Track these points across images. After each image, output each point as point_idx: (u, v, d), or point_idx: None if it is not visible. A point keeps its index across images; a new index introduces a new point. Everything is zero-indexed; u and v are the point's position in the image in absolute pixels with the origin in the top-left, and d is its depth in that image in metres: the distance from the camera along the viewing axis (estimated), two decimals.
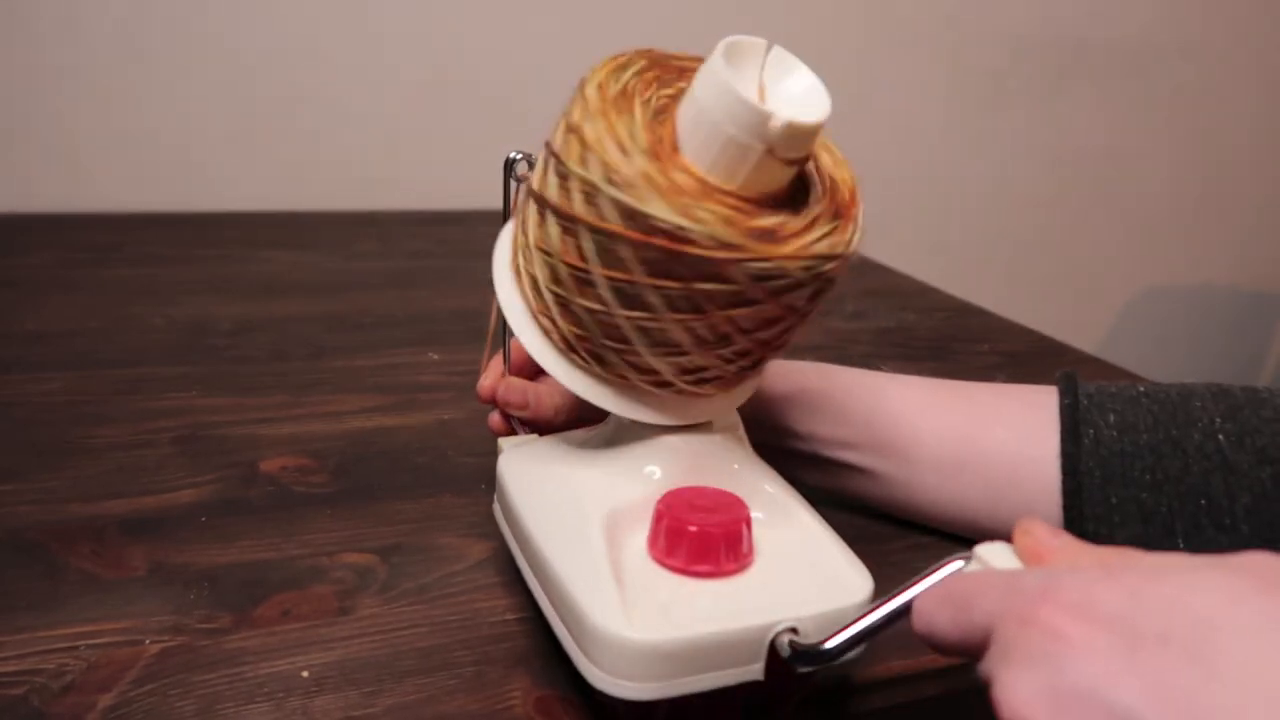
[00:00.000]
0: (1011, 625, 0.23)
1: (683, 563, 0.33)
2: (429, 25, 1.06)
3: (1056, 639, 0.21)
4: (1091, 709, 0.20)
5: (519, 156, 0.40)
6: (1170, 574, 0.22)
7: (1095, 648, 0.21)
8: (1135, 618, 0.21)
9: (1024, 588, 0.23)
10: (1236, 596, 0.21)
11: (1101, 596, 0.22)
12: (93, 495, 0.47)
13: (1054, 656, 0.21)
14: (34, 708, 0.33)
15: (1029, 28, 1.35)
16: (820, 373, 0.48)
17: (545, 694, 0.36)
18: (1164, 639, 0.20)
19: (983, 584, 0.25)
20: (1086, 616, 0.21)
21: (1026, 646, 0.22)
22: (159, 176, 1.01)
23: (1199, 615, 0.20)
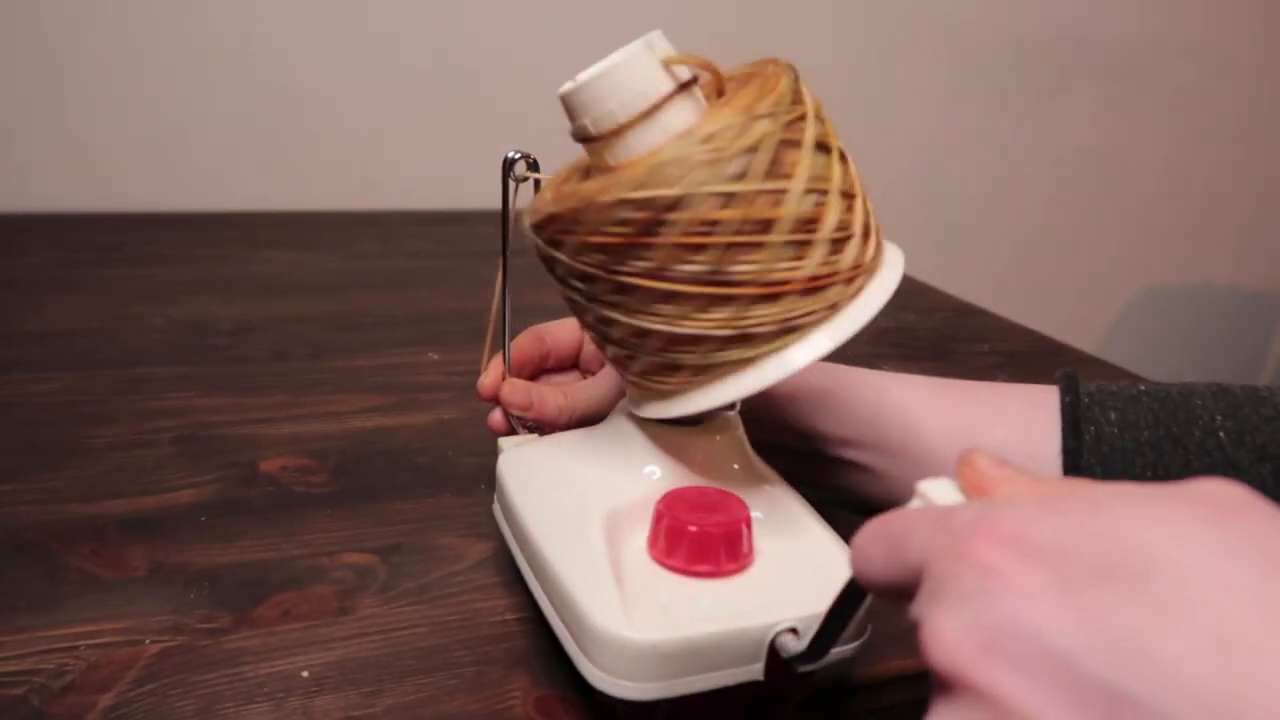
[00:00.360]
0: (943, 561, 0.21)
1: (683, 563, 0.33)
2: (429, 25, 1.06)
3: (989, 575, 0.20)
4: (1024, 649, 0.19)
5: (518, 156, 0.40)
6: (1114, 505, 0.20)
7: (1030, 584, 0.19)
8: (1075, 552, 0.20)
9: (957, 522, 0.22)
10: (1184, 529, 0.19)
11: (1039, 529, 0.20)
12: (93, 495, 0.47)
13: (986, 594, 0.20)
14: (34, 708, 0.33)
15: (1029, 28, 1.35)
16: (822, 371, 0.48)
17: (545, 694, 0.36)
18: (1105, 574, 0.19)
19: (917, 519, 0.23)
20: (1022, 551, 0.20)
21: (957, 583, 0.20)
22: (159, 176, 1.01)
23: (1143, 549, 0.19)
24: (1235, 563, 0.18)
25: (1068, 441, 0.42)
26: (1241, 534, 0.19)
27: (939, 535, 0.22)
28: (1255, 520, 0.19)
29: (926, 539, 0.22)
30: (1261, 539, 0.19)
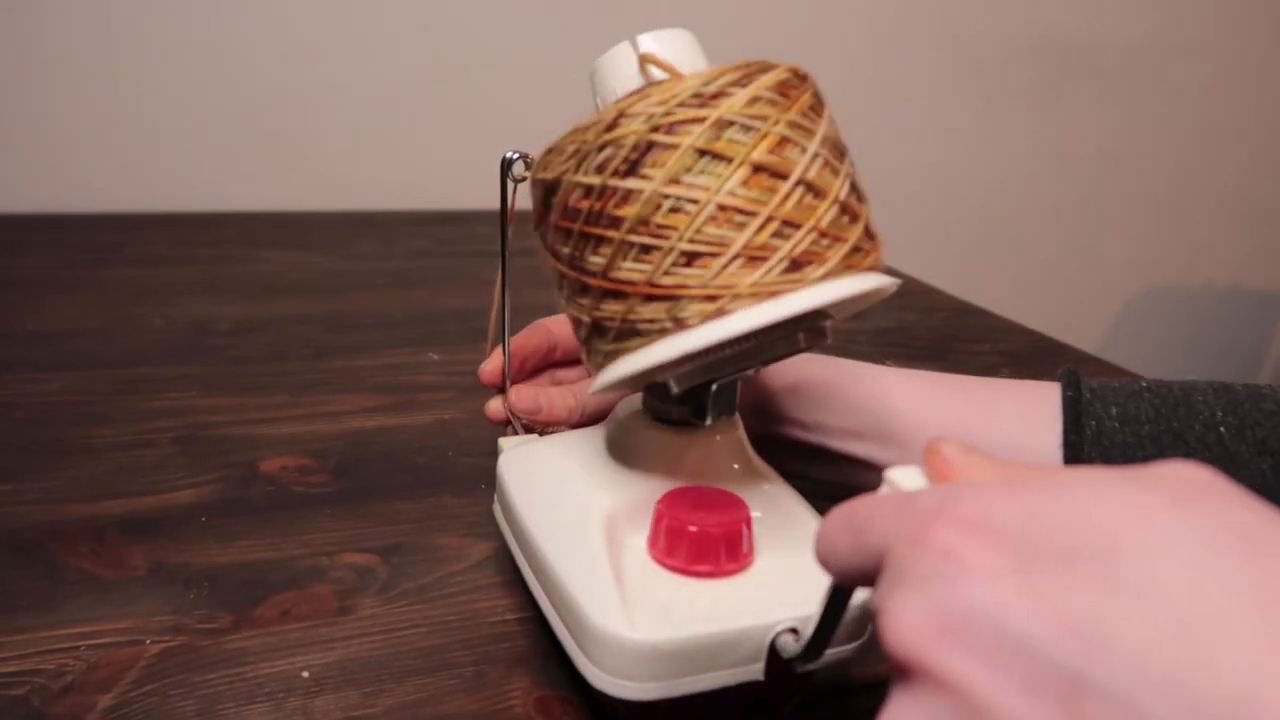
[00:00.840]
0: (903, 547, 0.21)
1: (683, 563, 0.33)
2: (429, 26, 1.06)
3: (948, 559, 0.20)
4: (983, 634, 0.19)
5: (516, 156, 0.40)
6: (1076, 488, 0.20)
7: (990, 567, 0.19)
8: (1035, 535, 0.19)
9: (918, 506, 0.21)
10: (1146, 512, 0.19)
11: (998, 512, 0.20)
12: (93, 495, 0.47)
13: (945, 578, 0.19)
14: (34, 708, 0.33)
15: (1030, 28, 1.35)
16: (825, 364, 0.48)
17: (545, 694, 0.36)
18: (1065, 558, 0.19)
19: (880, 505, 0.23)
20: (981, 534, 0.20)
21: (917, 568, 0.20)
22: (159, 176, 1.01)
23: (1104, 532, 0.19)
24: (1197, 544, 0.18)
25: (1069, 435, 0.42)
26: (1204, 515, 0.19)
27: (900, 520, 0.22)
28: (1218, 501, 0.19)
29: (888, 524, 0.22)
30: (1224, 519, 0.19)
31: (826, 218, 0.32)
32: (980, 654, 0.19)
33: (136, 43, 0.97)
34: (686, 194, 0.31)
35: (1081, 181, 1.48)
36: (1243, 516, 0.19)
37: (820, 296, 0.31)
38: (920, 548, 0.20)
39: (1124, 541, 0.18)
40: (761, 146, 0.31)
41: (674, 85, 0.32)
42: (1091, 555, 0.18)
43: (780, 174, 0.31)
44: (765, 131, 0.31)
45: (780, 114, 0.32)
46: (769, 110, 0.32)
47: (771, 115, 0.32)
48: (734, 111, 0.31)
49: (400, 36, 1.05)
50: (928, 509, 0.21)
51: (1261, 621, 0.17)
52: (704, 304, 0.31)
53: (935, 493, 0.22)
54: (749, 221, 0.31)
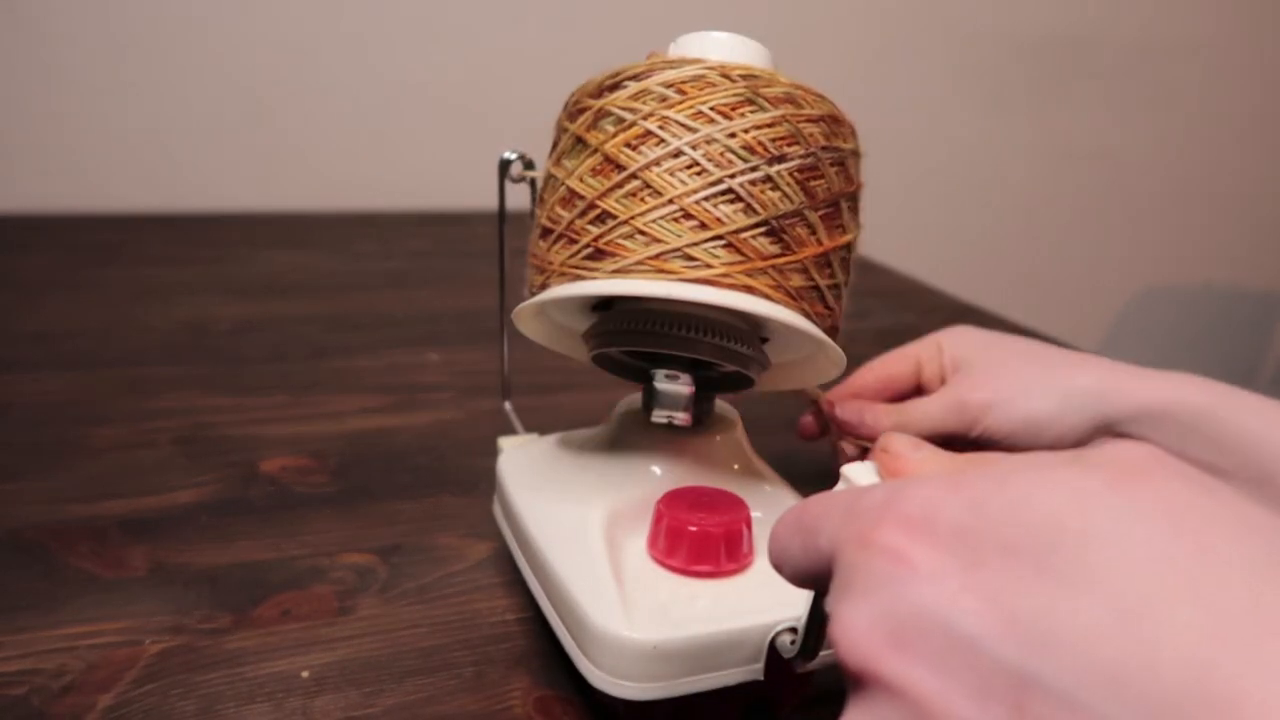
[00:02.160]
0: (851, 549, 0.21)
1: (683, 563, 0.33)
2: (430, 26, 1.06)
3: (896, 561, 0.19)
4: (933, 639, 0.18)
5: (514, 157, 0.40)
6: (1017, 477, 0.20)
7: (935, 568, 0.19)
8: (977, 530, 0.19)
9: (864, 506, 0.21)
10: (1085, 496, 0.19)
11: (942, 510, 0.20)
12: (93, 495, 0.47)
13: (893, 581, 0.19)
14: (34, 708, 0.33)
15: (1030, 29, 1.35)
16: (1192, 386, 0.44)
17: (545, 694, 0.36)
18: (1008, 551, 0.18)
19: (828, 506, 0.23)
20: (926, 533, 0.20)
21: (866, 572, 0.20)
22: (159, 176, 1.01)
23: (1044, 521, 0.18)
24: (1138, 528, 0.18)
25: None
26: (1146, 497, 0.18)
27: (848, 522, 0.21)
28: (1161, 481, 0.19)
29: (837, 526, 0.22)
30: (1167, 501, 0.18)
31: (650, 216, 0.32)
32: (930, 661, 0.18)
33: (137, 43, 0.97)
34: (559, 175, 0.35)
35: (1082, 181, 1.48)
36: (1184, 493, 0.19)
37: (597, 288, 0.33)
38: (868, 550, 0.20)
39: (1065, 529, 0.18)
40: (618, 139, 0.33)
41: (594, 77, 0.35)
42: (1033, 547, 0.18)
43: (621, 166, 0.33)
44: (630, 123, 0.33)
45: (663, 109, 0.33)
46: (653, 105, 0.33)
47: (648, 109, 0.33)
48: (616, 103, 0.33)
49: (400, 37, 1.05)
50: (873, 508, 0.21)
51: (1203, 608, 0.16)
52: (536, 275, 0.36)
53: (881, 490, 0.21)
54: (579, 206, 0.34)
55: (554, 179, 0.35)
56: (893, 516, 0.20)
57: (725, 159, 0.32)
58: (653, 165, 0.32)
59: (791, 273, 0.33)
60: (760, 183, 0.32)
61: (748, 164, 0.32)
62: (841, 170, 0.34)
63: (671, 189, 0.32)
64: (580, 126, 0.34)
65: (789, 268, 0.33)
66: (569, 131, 0.35)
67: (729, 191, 0.32)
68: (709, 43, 0.36)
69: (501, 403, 0.49)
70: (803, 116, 0.33)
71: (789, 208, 0.33)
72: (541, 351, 0.41)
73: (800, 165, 0.33)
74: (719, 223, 0.32)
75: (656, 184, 0.32)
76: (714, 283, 0.32)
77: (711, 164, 0.32)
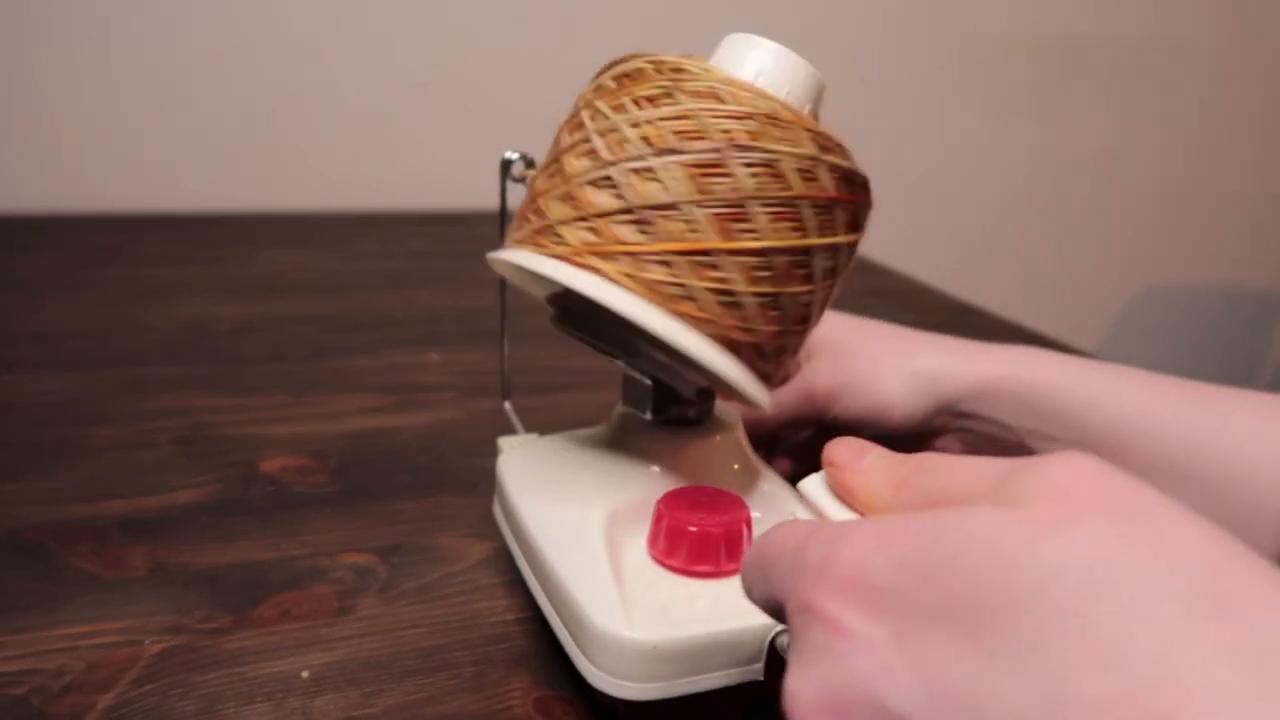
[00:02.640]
0: (795, 614, 0.21)
1: (683, 563, 0.33)
2: (430, 26, 1.06)
3: (831, 630, 0.19)
4: (868, 712, 0.18)
5: (515, 157, 0.40)
6: (946, 534, 0.19)
7: (868, 639, 0.19)
8: (907, 593, 0.19)
9: (806, 562, 0.21)
10: (1013, 549, 0.18)
11: (873, 571, 0.19)
12: (93, 495, 0.47)
13: (830, 651, 0.19)
14: (34, 708, 0.33)
15: (1030, 28, 1.35)
16: (1028, 359, 0.46)
17: (545, 694, 0.36)
18: (934, 616, 0.18)
19: (779, 549, 0.23)
20: (859, 598, 0.19)
21: (807, 639, 0.20)
22: (159, 176, 1.01)
23: (968, 587, 0.18)
24: (1057, 592, 0.17)
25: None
26: (1067, 550, 0.18)
27: (792, 576, 0.22)
28: (1088, 526, 0.18)
29: (784, 576, 0.22)
30: (1089, 552, 0.17)
31: (550, 195, 0.34)
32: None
33: (137, 43, 0.97)
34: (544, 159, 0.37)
35: (1082, 182, 1.48)
36: (1107, 538, 0.18)
37: (506, 257, 0.35)
38: (807, 616, 0.20)
39: (989, 591, 0.18)
40: (565, 127, 0.35)
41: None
42: (958, 615, 0.18)
43: (556, 147, 0.35)
44: (573, 113, 0.35)
45: (597, 99, 0.34)
46: (593, 96, 0.34)
47: (588, 98, 0.35)
48: (583, 95, 0.35)
49: (400, 36, 1.05)
50: (812, 568, 0.21)
51: (1122, 679, 0.16)
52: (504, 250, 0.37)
53: (819, 545, 0.21)
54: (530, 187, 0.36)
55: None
56: (828, 580, 0.20)
57: (620, 147, 0.33)
58: (568, 150, 0.34)
59: (650, 264, 0.32)
60: (641, 172, 0.32)
61: (636, 154, 0.32)
62: (767, 171, 0.32)
63: (569, 170, 0.34)
64: (566, 118, 0.37)
65: (648, 258, 0.32)
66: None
67: (607, 178, 0.32)
68: (743, 49, 0.35)
69: (501, 403, 0.49)
70: (722, 113, 0.32)
71: (664, 200, 0.32)
72: (541, 351, 0.41)
73: (697, 160, 0.32)
74: (589, 205, 0.33)
75: (565, 167, 0.34)
76: (565, 259, 0.33)
77: (606, 151, 0.33)
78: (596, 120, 0.33)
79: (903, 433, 0.48)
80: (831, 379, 0.47)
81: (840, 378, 0.47)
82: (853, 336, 0.49)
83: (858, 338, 0.49)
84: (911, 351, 0.48)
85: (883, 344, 0.49)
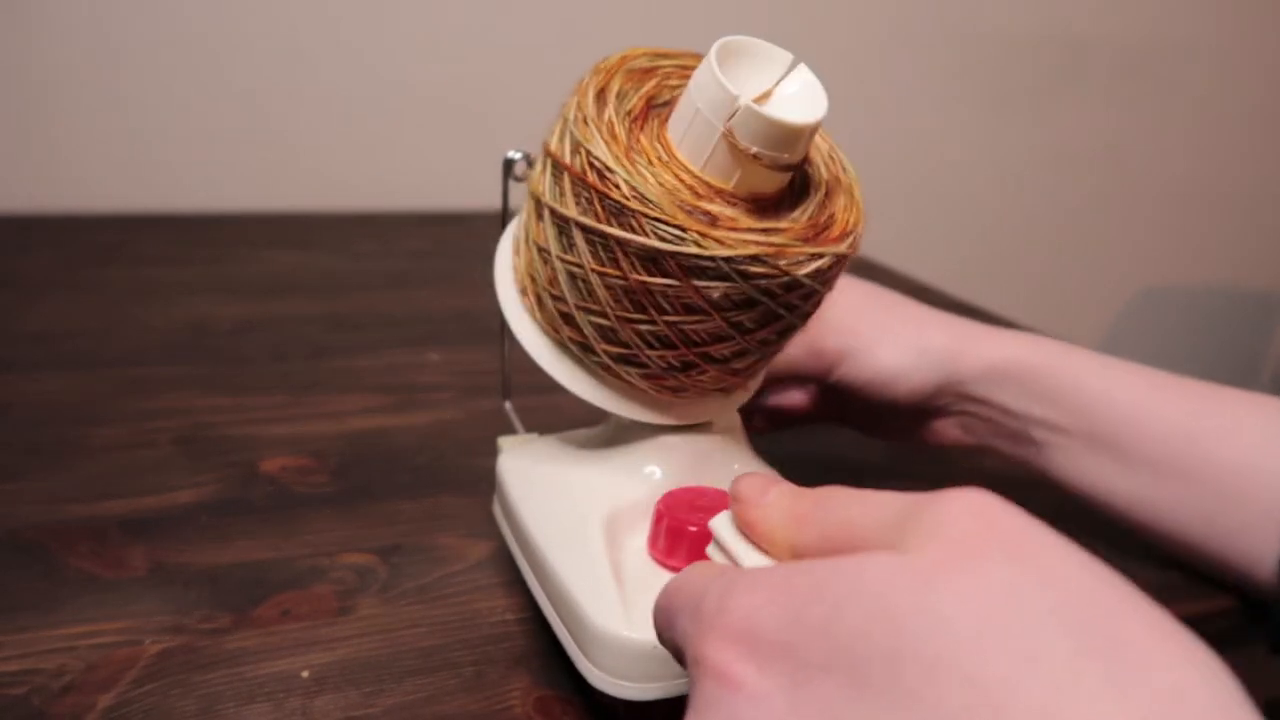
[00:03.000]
0: (690, 664, 0.21)
1: (683, 563, 0.33)
2: (430, 26, 1.06)
3: (723, 683, 0.20)
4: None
5: (518, 156, 0.40)
6: (834, 581, 0.19)
7: (760, 693, 0.19)
8: (798, 645, 0.19)
9: (702, 611, 0.21)
10: (902, 601, 0.18)
11: (764, 623, 0.20)
12: (93, 495, 0.47)
13: (721, 704, 0.19)
14: (34, 707, 0.33)
15: (1030, 28, 1.35)
16: (1033, 345, 0.45)
17: (545, 694, 0.36)
18: (826, 669, 0.18)
19: (684, 595, 0.23)
20: (750, 650, 0.19)
21: (702, 693, 0.20)
22: (159, 176, 1.01)
23: (856, 638, 0.18)
24: (951, 639, 0.17)
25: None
26: (960, 596, 0.18)
27: (689, 625, 0.22)
28: (982, 571, 0.18)
29: (684, 625, 0.22)
30: (984, 595, 0.18)
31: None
32: None
33: (136, 42, 0.97)
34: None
35: (1082, 181, 1.48)
36: (1001, 582, 0.18)
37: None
38: (700, 668, 0.20)
39: (875, 649, 0.18)
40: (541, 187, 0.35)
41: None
42: (849, 666, 0.18)
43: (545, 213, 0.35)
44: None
45: (573, 99, 0.34)
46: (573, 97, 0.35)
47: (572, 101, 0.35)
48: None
49: (400, 36, 1.05)
50: (709, 616, 0.21)
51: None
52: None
53: (715, 594, 0.21)
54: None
55: None
56: (720, 630, 0.20)
57: (569, 131, 0.33)
58: (552, 142, 0.35)
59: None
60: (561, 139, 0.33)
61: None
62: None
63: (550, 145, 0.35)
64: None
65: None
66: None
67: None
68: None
69: (501, 403, 0.49)
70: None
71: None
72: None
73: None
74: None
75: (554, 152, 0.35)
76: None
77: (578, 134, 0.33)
78: (565, 118, 0.34)
79: (907, 406, 0.48)
80: (839, 341, 0.47)
81: (849, 341, 0.47)
82: (867, 303, 0.49)
83: (871, 304, 0.49)
84: (922, 326, 0.48)
85: (894, 314, 0.49)
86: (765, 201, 0.33)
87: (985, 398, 0.46)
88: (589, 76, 0.34)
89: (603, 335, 0.34)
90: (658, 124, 0.33)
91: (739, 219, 0.31)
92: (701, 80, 0.31)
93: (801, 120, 0.31)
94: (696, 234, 0.30)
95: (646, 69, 0.35)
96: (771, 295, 0.31)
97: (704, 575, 0.23)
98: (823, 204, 0.34)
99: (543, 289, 0.35)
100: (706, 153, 0.31)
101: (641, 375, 0.35)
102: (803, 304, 0.33)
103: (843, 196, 0.35)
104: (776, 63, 0.33)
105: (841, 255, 0.32)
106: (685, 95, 0.32)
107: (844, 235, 0.33)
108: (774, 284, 0.31)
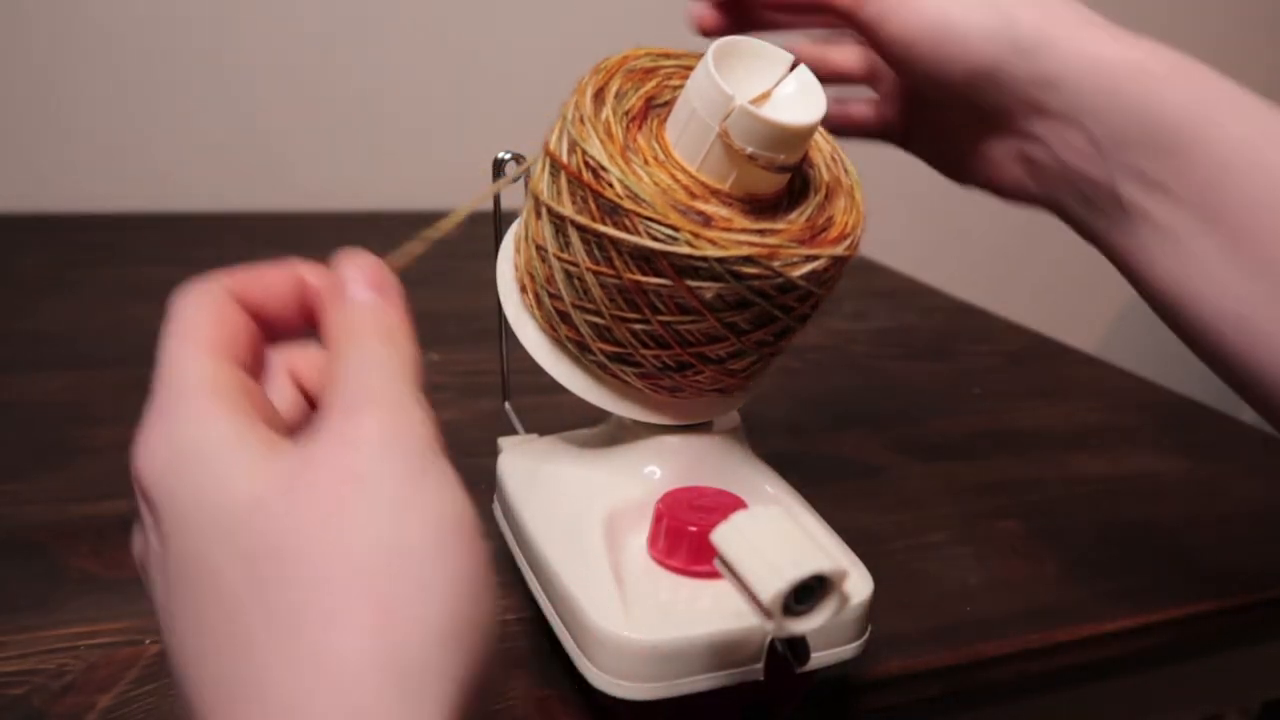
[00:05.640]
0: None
1: (683, 563, 0.33)
2: (428, 26, 1.06)
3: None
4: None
5: (508, 157, 0.40)
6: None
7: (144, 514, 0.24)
8: (154, 500, 0.24)
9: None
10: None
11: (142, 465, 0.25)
12: (93, 495, 0.47)
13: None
14: (34, 708, 0.33)
15: None
16: (1167, 61, 0.33)
17: (545, 694, 0.36)
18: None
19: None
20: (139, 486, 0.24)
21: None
22: (157, 176, 1.01)
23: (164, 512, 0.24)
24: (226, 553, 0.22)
25: None
26: (273, 519, 0.22)
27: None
28: (318, 494, 0.22)
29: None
30: (295, 529, 0.22)
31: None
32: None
33: (136, 42, 0.97)
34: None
35: None
36: (317, 512, 0.22)
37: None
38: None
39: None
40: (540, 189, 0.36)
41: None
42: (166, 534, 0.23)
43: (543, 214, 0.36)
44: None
45: (572, 98, 0.34)
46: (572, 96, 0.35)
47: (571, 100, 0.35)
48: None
49: (400, 37, 1.05)
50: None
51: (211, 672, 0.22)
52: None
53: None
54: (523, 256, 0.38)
55: None
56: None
57: (564, 125, 0.34)
58: (549, 141, 0.36)
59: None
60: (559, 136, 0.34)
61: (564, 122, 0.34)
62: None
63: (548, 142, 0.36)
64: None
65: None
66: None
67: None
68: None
69: (501, 403, 0.49)
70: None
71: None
72: None
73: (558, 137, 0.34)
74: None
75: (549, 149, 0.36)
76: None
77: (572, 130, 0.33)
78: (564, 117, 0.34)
79: (960, 89, 0.36)
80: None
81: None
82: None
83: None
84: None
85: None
86: (763, 202, 0.33)
87: (1066, 112, 0.34)
88: (589, 76, 0.34)
89: (598, 334, 0.34)
90: (656, 124, 0.33)
91: (734, 219, 0.31)
92: (698, 80, 0.31)
93: (797, 122, 0.31)
94: (689, 234, 0.30)
95: (648, 69, 0.35)
96: (766, 296, 0.31)
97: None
98: (822, 206, 0.34)
99: (541, 287, 0.35)
100: (702, 153, 0.31)
101: (637, 374, 0.35)
102: (799, 306, 0.33)
103: (843, 198, 0.35)
104: (776, 63, 0.33)
105: (838, 258, 0.32)
106: (682, 95, 0.32)
107: (842, 237, 0.33)
108: (768, 285, 0.31)
